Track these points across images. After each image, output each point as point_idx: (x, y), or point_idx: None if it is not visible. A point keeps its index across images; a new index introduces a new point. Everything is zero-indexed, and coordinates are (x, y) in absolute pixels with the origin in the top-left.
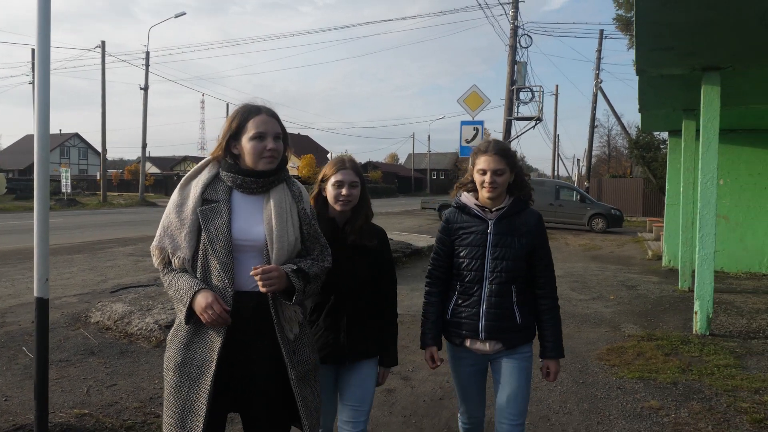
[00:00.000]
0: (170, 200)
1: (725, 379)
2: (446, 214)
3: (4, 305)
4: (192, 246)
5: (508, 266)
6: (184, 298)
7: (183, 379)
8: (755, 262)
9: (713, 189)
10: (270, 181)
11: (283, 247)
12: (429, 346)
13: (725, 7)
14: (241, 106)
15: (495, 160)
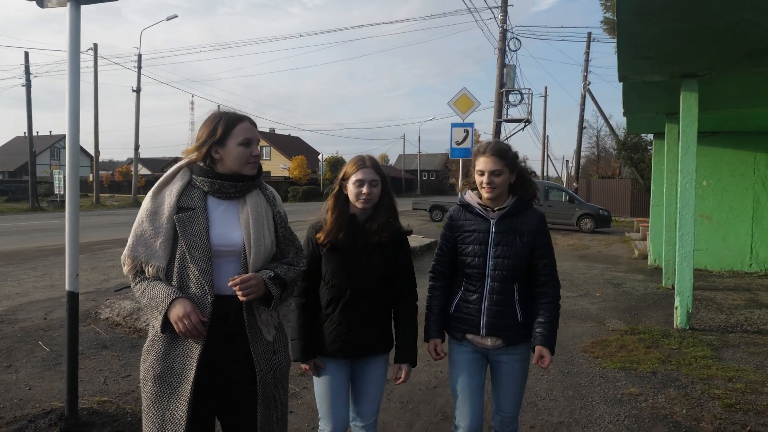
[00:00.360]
0: (142, 208)
1: (701, 368)
2: (451, 212)
3: (14, 303)
4: (167, 254)
5: (509, 264)
6: (160, 306)
7: (163, 389)
8: (737, 261)
9: (692, 190)
10: (247, 186)
11: (260, 252)
12: (433, 338)
13: (698, 20)
14: (222, 113)
15: (492, 161)
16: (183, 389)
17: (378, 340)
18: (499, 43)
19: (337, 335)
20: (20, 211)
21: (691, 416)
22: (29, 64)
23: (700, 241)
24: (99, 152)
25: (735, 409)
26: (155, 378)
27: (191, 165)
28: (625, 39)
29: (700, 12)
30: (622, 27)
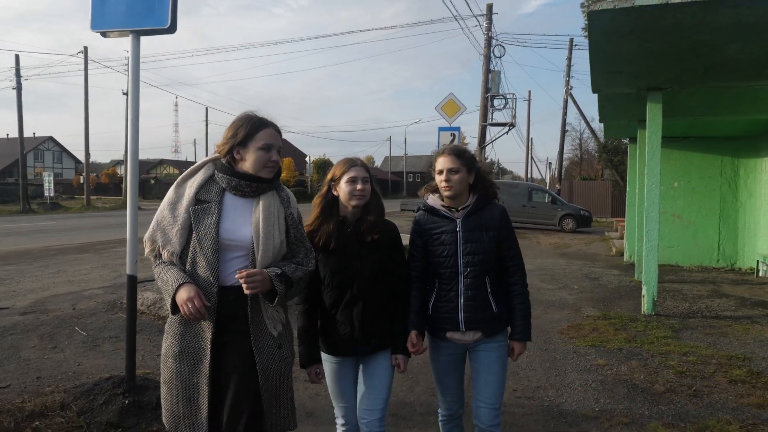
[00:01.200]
0: (165, 197)
1: (661, 346)
2: (417, 217)
3: (39, 296)
4: (182, 242)
5: (479, 260)
6: (170, 290)
7: (183, 365)
8: (706, 257)
9: (656, 191)
10: (263, 187)
11: (269, 250)
12: (414, 329)
13: (661, 41)
14: (249, 117)
15: (449, 160)
16: (203, 365)
17: (382, 335)
18: (485, 50)
19: (342, 335)
20: (11, 213)
21: (647, 380)
22: (20, 67)
23: (671, 238)
24: (89, 155)
25: (685, 375)
26: (175, 356)
27: (216, 161)
28: (597, 56)
29: (662, 34)
30: (595, 46)
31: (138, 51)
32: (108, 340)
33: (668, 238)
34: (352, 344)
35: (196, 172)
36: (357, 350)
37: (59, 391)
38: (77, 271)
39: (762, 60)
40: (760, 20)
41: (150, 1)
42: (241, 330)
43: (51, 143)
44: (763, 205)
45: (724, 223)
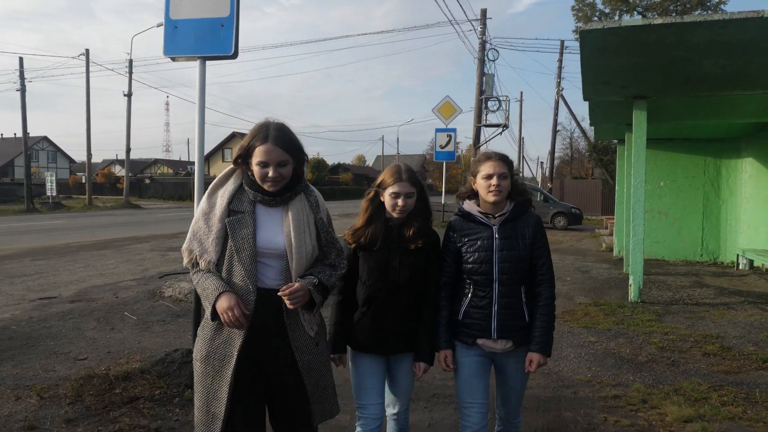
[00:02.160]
0: (199, 207)
1: (645, 327)
2: (451, 223)
3: (80, 287)
4: (218, 251)
5: (515, 268)
6: (210, 298)
7: (207, 370)
8: (690, 252)
9: (642, 190)
10: (286, 197)
11: (302, 257)
12: (443, 348)
13: (645, 55)
14: (256, 129)
15: (499, 165)
16: (225, 373)
17: (410, 337)
18: (479, 54)
19: (372, 332)
20: (17, 212)
21: (632, 353)
22: (23, 69)
23: (658, 234)
24: (91, 155)
25: (665, 350)
26: (202, 359)
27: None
28: (588, 69)
29: (646, 50)
30: (586, 60)
31: (204, 74)
32: (156, 323)
33: (655, 234)
34: (382, 343)
35: (225, 180)
36: (385, 349)
37: (134, 360)
38: (104, 265)
39: (734, 73)
40: (731, 39)
41: (216, 32)
42: (277, 331)
43: (45, 143)
44: (743, 202)
45: (707, 219)
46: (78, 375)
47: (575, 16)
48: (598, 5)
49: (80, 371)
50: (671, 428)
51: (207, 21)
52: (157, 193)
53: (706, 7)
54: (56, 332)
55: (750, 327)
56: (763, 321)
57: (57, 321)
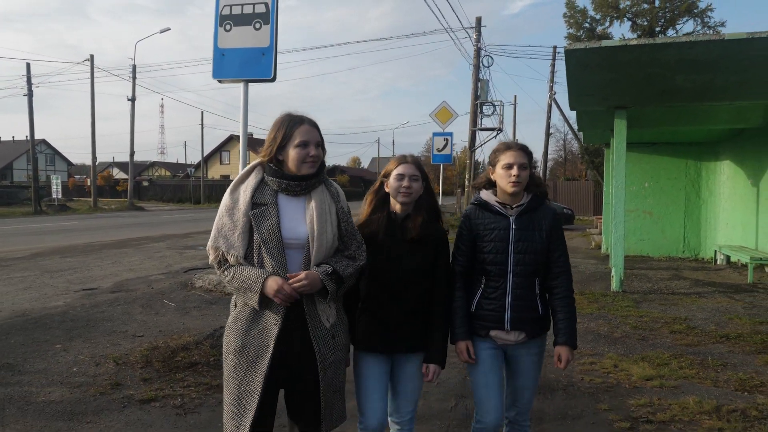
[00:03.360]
0: (222, 204)
1: (623, 311)
2: (467, 212)
3: (116, 280)
4: (245, 245)
5: (530, 259)
6: (255, 286)
7: (241, 362)
8: (673, 248)
9: (622, 191)
10: (311, 184)
11: (323, 245)
12: (462, 339)
13: (623, 71)
14: (286, 117)
15: (521, 155)
16: (260, 364)
17: (416, 337)
18: (474, 60)
19: (374, 329)
20: (24, 214)
21: (609, 331)
22: (30, 75)
23: (643, 232)
24: (96, 158)
25: (638, 329)
26: (236, 351)
27: (263, 164)
28: (573, 83)
29: (623, 67)
30: (571, 74)
31: (247, 95)
32: (194, 308)
33: (640, 232)
34: (384, 341)
35: (247, 176)
36: (389, 348)
37: (186, 336)
38: (130, 262)
39: (703, 87)
40: (698, 57)
41: (258, 59)
42: (300, 321)
43: (44, 146)
44: (721, 202)
45: (689, 218)
46: (141, 347)
47: (567, 22)
48: (589, 12)
49: (142, 344)
50: (635, 384)
51: (250, 50)
52: (156, 196)
53: (694, 15)
54: (109, 316)
55: (715, 311)
56: (729, 307)
57: (107, 307)
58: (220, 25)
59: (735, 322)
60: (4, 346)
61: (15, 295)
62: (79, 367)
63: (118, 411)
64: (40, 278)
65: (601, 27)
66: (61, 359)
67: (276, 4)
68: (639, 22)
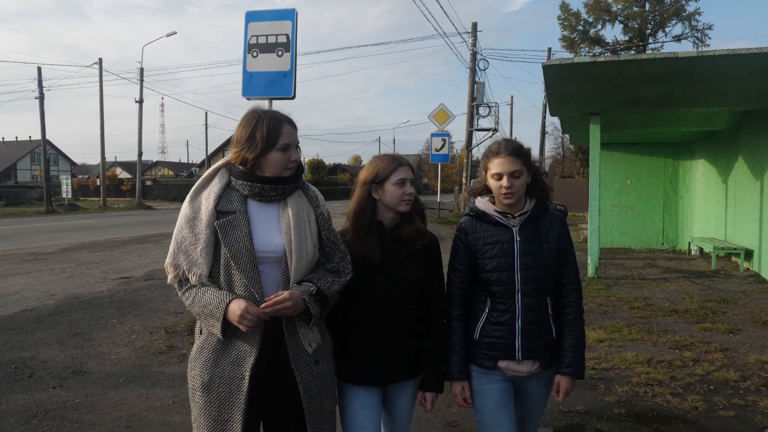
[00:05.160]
0: (180, 213)
1: (594, 293)
2: (462, 225)
3: (146, 270)
4: (209, 261)
5: (540, 276)
6: (216, 312)
7: (211, 399)
8: (653, 241)
9: (597, 188)
10: (289, 188)
11: (302, 258)
12: (458, 379)
13: (593, 84)
14: (263, 115)
15: (510, 162)
16: (236, 399)
17: (410, 363)
18: (470, 64)
19: (364, 360)
20: (37, 213)
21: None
22: (42, 79)
23: (625, 226)
24: (105, 158)
25: (603, 306)
26: (203, 387)
27: (229, 166)
28: (551, 93)
29: (593, 80)
30: (549, 86)
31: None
32: None
33: (623, 226)
34: (377, 371)
35: (210, 180)
36: (382, 379)
37: None
38: (154, 255)
39: (664, 96)
40: (657, 72)
41: (281, 81)
42: (278, 347)
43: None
44: (696, 198)
45: (667, 213)
46: (185, 320)
47: (561, 25)
48: (582, 15)
49: (185, 318)
50: (589, 345)
51: (274, 73)
52: (160, 195)
53: (682, 18)
54: (150, 298)
55: (675, 292)
56: (687, 289)
57: (146, 291)
58: (248, 52)
59: (687, 300)
60: (70, 320)
61: (61, 283)
62: (137, 335)
63: (177, 364)
64: (78, 269)
65: (594, 29)
66: (120, 330)
67: (295, 36)
68: (630, 25)
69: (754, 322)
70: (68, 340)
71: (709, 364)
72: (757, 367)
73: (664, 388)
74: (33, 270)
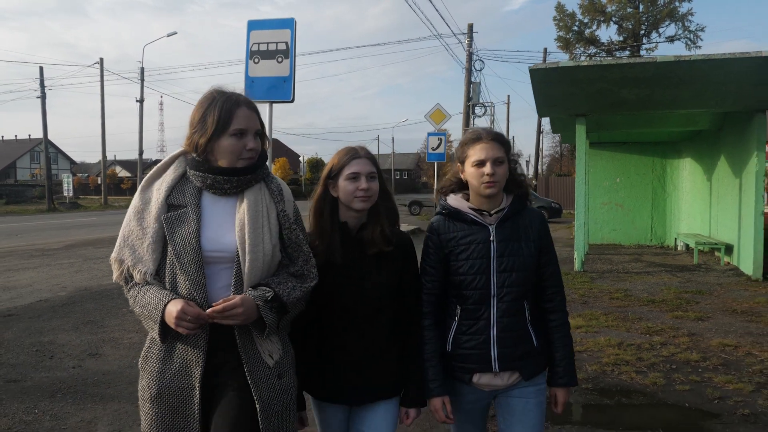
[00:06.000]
0: (131, 205)
1: (578, 285)
2: (434, 224)
3: None
4: (156, 258)
5: (518, 279)
6: (154, 314)
7: (164, 410)
8: (642, 237)
9: (582, 186)
10: (246, 180)
11: (258, 259)
12: (437, 395)
13: (577, 87)
14: (217, 96)
15: (494, 147)
16: (188, 410)
17: (386, 378)
18: (466, 64)
19: (334, 374)
20: (39, 212)
21: None
22: (44, 78)
23: (615, 223)
24: (106, 157)
25: (584, 296)
26: (152, 399)
27: (186, 155)
28: (538, 95)
29: (578, 83)
30: (536, 89)
31: (272, 113)
32: None
33: (613, 222)
34: (346, 387)
35: (164, 170)
36: (354, 396)
37: None
38: None
39: (644, 99)
40: (637, 76)
41: (280, 86)
42: (231, 360)
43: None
44: (683, 195)
45: (656, 210)
46: None
47: (557, 25)
48: (577, 16)
49: None
50: None
51: (274, 78)
52: None
53: (675, 19)
54: None
55: (654, 285)
56: (667, 281)
57: None
58: (250, 59)
59: (665, 291)
60: (82, 310)
61: (71, 277)
62: None
63: None
64: (86, 264)
65: (589, 30)
66: (131, 318)
67: (294, 44)
68: (624, 26)
69: (723, 310)
70: (83, 327)
71: (674, 347)
72: (718, 349)
73: (629, 367)
74: (42, 265)
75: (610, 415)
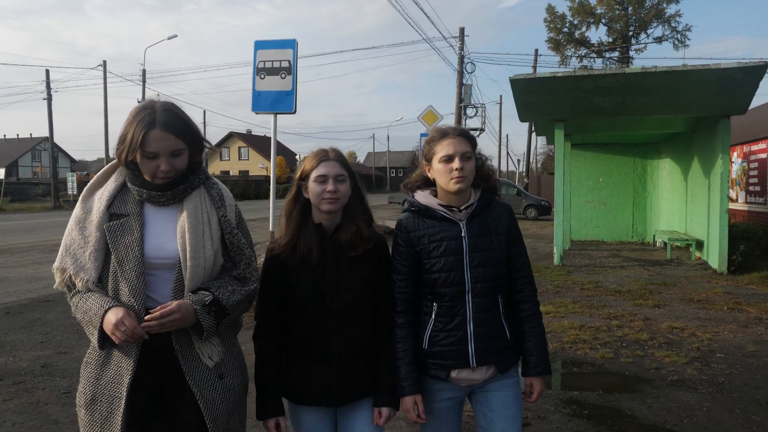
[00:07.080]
0: (72, 214)
1: (554, 278)
2: (403, 222)
3: None
4: (98, 266)
5: (491, 273)
6: (94, 320)
7: (94, 418)
8: (624, 234)
9: (561, 186)
10: (181, 191)
11: (199, 265)
12: (410, 393)
13: (554, 95)
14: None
15: (461, 142)
16: (113, 420)
17: (366, 378)
18: (458, 67)
19: (313, 379)
20: (45, 209)
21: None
22: (50, 80)
23: (598, 220)
24: (110, 156)
25: (558, 287)
26: (86, 404)
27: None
28: (519, 102)
29: (555, 91)
30: (517, 97)
31: (276, 123)
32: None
33: (596, 220)
34: (328, 390)
35: (106, 178)
36: (335, 398)
37: None
38: None
39: (617, 106)
40: (610, 85)
41: (284, 99)
42: (171, 364)
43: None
44: (662, 194)
45: (637, 208)
46: None
47: (547, 27)
48: (567, 17)
49: None
50: None
51: (278, 92)
52: None
53: (662, 20)
54: None
55: (625, 277)
56: (637, 274)
57: None
58: (257, 75)
59: (633, 283)
60: None
61: None
62: None
63: None
64: None
65: (579, 31)
66: None
67: (296, 62)
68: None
69: (681, 299)
70: None
71: (629, 329)
72: (666, 331)
73: (585, 345)
74: None
75: (560, 380)
